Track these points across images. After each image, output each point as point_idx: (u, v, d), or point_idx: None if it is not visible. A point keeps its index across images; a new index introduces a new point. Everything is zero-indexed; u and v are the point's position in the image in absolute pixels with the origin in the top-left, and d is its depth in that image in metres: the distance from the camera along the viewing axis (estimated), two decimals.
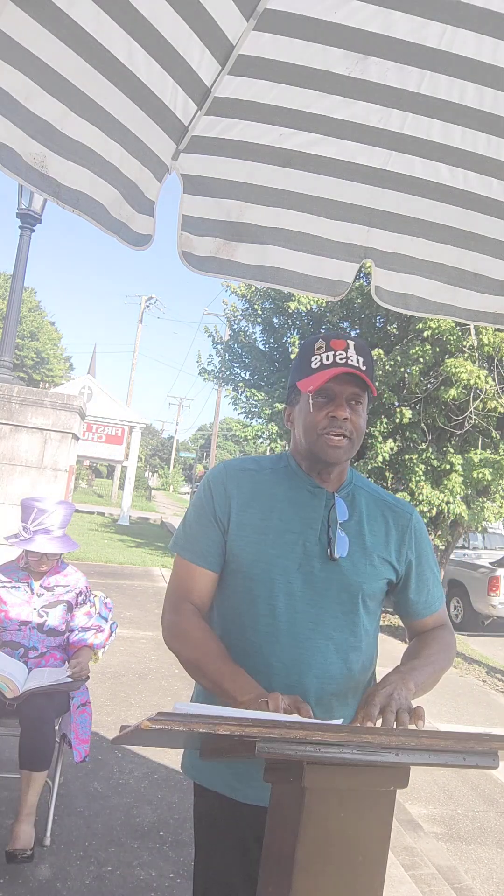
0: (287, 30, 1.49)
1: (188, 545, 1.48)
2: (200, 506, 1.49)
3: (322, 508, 1.44)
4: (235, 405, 12.33)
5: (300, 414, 1.45)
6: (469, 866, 3.25)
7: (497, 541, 12.45)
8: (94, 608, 3.07)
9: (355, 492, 1.50)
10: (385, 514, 1.50)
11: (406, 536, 1.50)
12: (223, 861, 1.44)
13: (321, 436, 1.39)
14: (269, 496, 1.45)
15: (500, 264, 2.01)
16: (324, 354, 1.40)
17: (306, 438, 1.42)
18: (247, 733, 0.82)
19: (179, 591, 1.48)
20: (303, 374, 1.43)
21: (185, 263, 1.87)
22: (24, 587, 2.95)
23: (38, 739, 2.60)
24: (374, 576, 1.44)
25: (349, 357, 1.38)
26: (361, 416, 1.42)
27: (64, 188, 1.54)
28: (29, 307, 37.91)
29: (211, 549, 1.46)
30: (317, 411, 1.39)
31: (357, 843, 0.95)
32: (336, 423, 1.38)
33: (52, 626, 2.93)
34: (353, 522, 1.45)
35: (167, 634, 1.45)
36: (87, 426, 16.93)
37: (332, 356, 1.39)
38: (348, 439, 1.39)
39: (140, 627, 6.93)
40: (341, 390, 1.39)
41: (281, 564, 1.39)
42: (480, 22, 1.45)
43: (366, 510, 1.49)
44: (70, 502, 3.05)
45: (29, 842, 2.59)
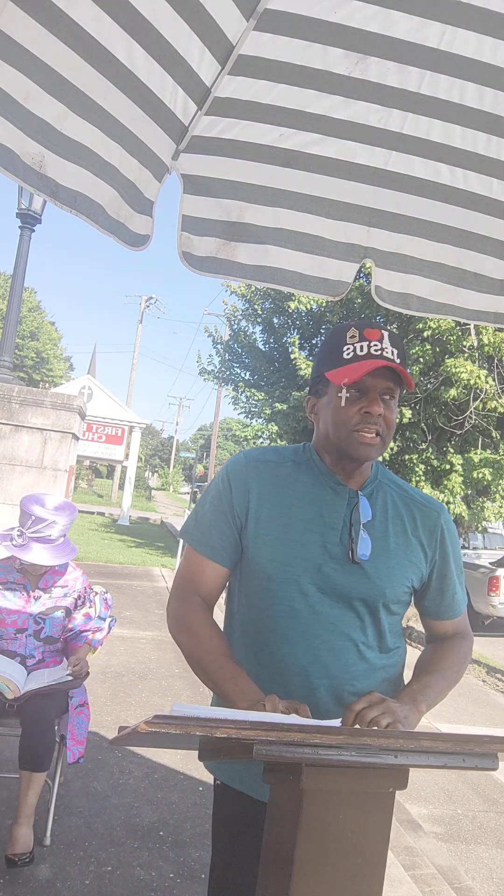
0: (287, 30, 1.49)
1: (200, 537, 1.43)
2: (217, 497, 1.42)
3: (344, 507, 1.36)
4: (235, 405, 12.34)
5: (328, 406, 1.36)
6: (469, 866, 3.25)
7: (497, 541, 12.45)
8: (95, 609, 3.00)
9: (380, 488, 1.43)
10: (412, 512, 1.43)
11: (433, 536, 1.43)
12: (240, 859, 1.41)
13: (353, 432, 1.31)
14: (289, 491, 1.38)
15: (500, 264, 2.01)
16: (357, 345, 1.31)
17: (335, 433, 1.34)
18: (244, 736, 0.82)
19: (188, 581, 1.44)
20: (334, 364, 1.33)
21: (185, 263, 1.87)
22: (20, 589, 2.85)
23: (38, 740, 2.58)
24: (398, 580, 1.37)
25: (384, 349, 1.30)
26: (393, 412, 1.35)
27: (62, 188, 1.53)
28: (29, 307, 37.91)
29: (224, 544, 1.40)
30: (349, 406, 1.31)
31: (356, 845, 0.95)
32: (369, 419, 1.30)
33: (49, 634, 2.85)
34: (376, 522, 1.38)
35: (172, 623, 1.42)
36: (87, 426, 16.93)
37: (367, 347, 1.30)
38: (380, 437, 1.33)
39: (140, 627, 6.93)
40: (375, 384, 1.30)
41: (300, 565, 1.33)
42: (480, 22, 1.45)
43: (391, 509, 1.41)
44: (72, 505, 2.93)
45: (28, 845, 2.58)
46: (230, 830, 1.44)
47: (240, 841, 1.41)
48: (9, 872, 2.51)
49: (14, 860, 2.52)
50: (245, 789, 1.39)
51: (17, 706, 2.64)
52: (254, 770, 1.36)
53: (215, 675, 1.31)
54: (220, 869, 1.46)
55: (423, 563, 1.42)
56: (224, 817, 1.46)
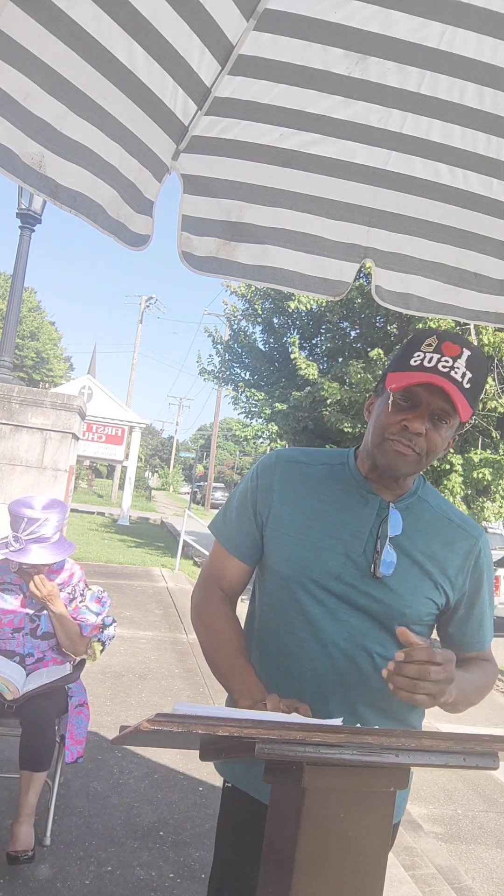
0: (287, 30, 1.49)
1: (226, 531, 1.43)
2: (244, 493, 1.41)
3: (373, 518, 1.30)
4: (235, 405, 12.34)
5: (378, 409, 1.30)
6: (469, 866, 3.25)
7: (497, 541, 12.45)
8: (84, 601, 2.97)
9: (417, 504, 1.35)
10: (447, 533, 1.34)
11: (467, 563, 1.34)
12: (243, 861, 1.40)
13: (387, 440, 1.24)
14: (316, 494, 1.33)
15: (500, 264, 2.01)
16: (429, 354, 1.21)
17: (373, 437, 1.28)
18: (246, 734, 0.82)
19: (212, 573, 1.46)
20: (399, 368, 1.25)
21: (185, 263, 1.87)
22: (15, 590, 2.87)
23: (38, 740, 2.59)
24: (420, 601, 1.30)
25: (455, 367, 1.19)
26: (442, 436, 1.24)
27: (62, 188, 1.53)
28: (29, 307, 37.92)
29: (245, 541, 1.40)
30: (394, 413, 1.23)
31: (357, 844, 0.95)
32: (406, 434, 1.22)
33: (45, 629, 2.86)
34: (406, 538, 1.29)
35: (193, 613, 1.44)
36: (87, 426, 16.93)
37: (437, 360, 1.20)
38: (417, 455, 1.23)
39: (140, 627, 6.93)
40: (430, 401, 1.21)
41: (317, 569, 1.28)
42: (480, 22, 1.45)
43: (425, 527, 1.33)
44: (62, 501, 2.94)
45: (29, 843, 2.58)
46: (236, 832, 1.43)
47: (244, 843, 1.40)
48: (9, 872, 2.52)
49: (16, 857, 2.53)
50: (254, 792, 1.38)
51: (17, 706, 2.64)
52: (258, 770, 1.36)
53: (225, 671, 1.31)
54: (221, 870, 1.45)
55: (451, 589, 1.33)
56: (231, 819, 1.46)
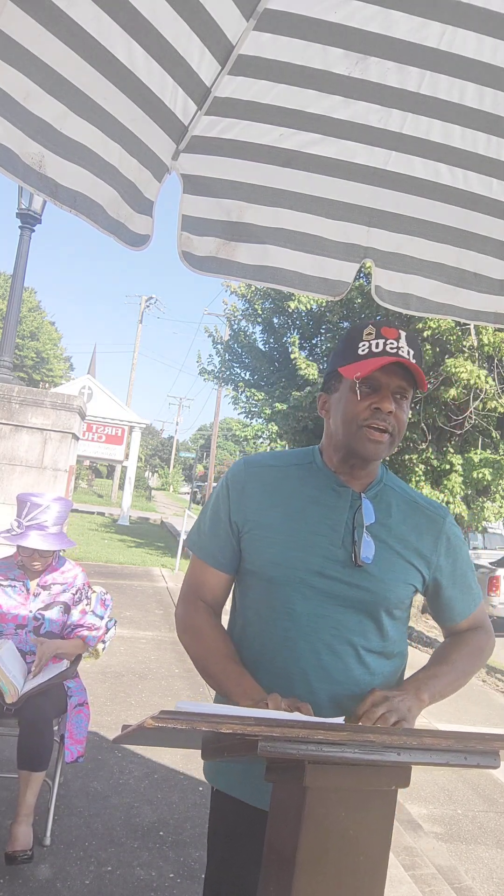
0: (287, 30, 1.49)
1: (201, 543, 1.45)
2: (216, 505, 1.44)
3: (347, 510, 1.36)
4: (235, 405, 12.34)
5: (339, 402, 1.36)
6: (469, 866, 3.25)
7: (497, 541, 12.46)
8: (90, 605, 3.03)
9: (384, 491, 1.42)
10: (416, 516, 1.42)
11: (438, 541, 1.42)
12: (237, 867, 1.40)
13: (361, 427, 1.31)
14: (290, 495, 1.38)
15: (500, 264, 2.01)
16: (373, 342, 1.31)
17: (344, 429, 1.34)
18: (249, 732, 0.82)
19: (193, 586, 1.46)
20: (348, 360, 1.33)
21: (185, 263, 1.87)
22: (19, 587, 2.90)
23: (36, 740, 2.59)
24: (400, 583, 1.36)
25: (400, 347, 1.30)
26: (405, 412, 1.34)
27: (62, 188, 1.53)
28: (29, 307, 37.91)
29: (222, 551, 1.42)
30: (360, 401, 1.31)
31: (358, 843, 0.95)
32: (379, 415, 1.30)
33: (48, 629, 2.89)
34: (380, 525, 1.37)
35: (179, 627, 1.44)
36: (87, 426, 16.93)
37: (383, 344, 1.30)
38: (389, 435, 1.32)
39: (140, 627, 6.93)
40: (388, 382, 1.30)
41: (301, 567, 1.32)
42: (480, 22, 1.45)
43: (395, 512, 1.40)
44: (67, 499, 3.00)
45: (28, 843, 2.58)
46: (227, 837, 1.44)
47: (236, 847, 1.41)
48: (9, 872, 2.52)
49: (14, 857, 2.52)
50: (242, 796, 1.39)
51: (16, 707, 2.64)
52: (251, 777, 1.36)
53: (219, 676, 1.32)
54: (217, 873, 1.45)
55: (427, 568, 1.41)
56: (220, 824, 1.46)
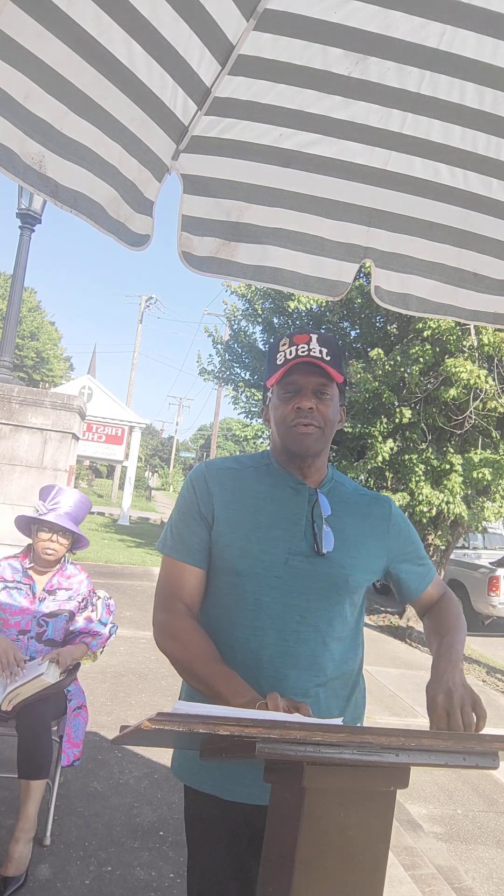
0: (287, 30, 1.49)
1: (175, 544, 1.49)
2: (185, 504, 1.50)
3: (305, 504, 1.45)
4: (235, 405, 12.33)
5: (272, 410, 1.48)
6: (469, 866, 3.25)
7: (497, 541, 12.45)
8: (96, 613, 3.00)
9: (336, 487, 1.53)
10: (364, 507, 1.54)
11: (388, 525, 1.54)
12: (216, 862, 1.43)
13: (290, 427, 1.41)
14: (252, 494, 1.47)
15: (500, 264, 2.01)
16: (287, 350, 1.43)
17: (279, 432, 1.45)
18: (247, 734, 0.82)
19: (169, 590, 1.47)
20: (270, 373, 1.46)
21: (185, 264, 1.87)
22: (25, 590, 2.87)
23: (35, 748, 2.53)
24: (360, 568, 1.46)
25: (311, 349, 1.41)
26: (330, 407, 1.43)
27: (62, 188, 1.53)
28: (29, 307, 37.91)
29: (199, 545, 1.47)
30: (283, 404, 1.43)
31: (357, 844, 0.95)
32: (302, 413, 1.40)
33: (51, 636, 2.86)
34: (336, 517, 1.47)
35: (158, 634, 1.44)
36: (87, 426, 16.93)
37: (295, 350, 1.41)
38: (318, 428, 1.41)
39: (140, 627, 6.93)
40: (306, 382, 1.41)
41: (267, 560, 1.40)
42: (480, 22, 1.45)
43: (348, 504, 1.51)
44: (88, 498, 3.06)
45: (22, 867, 2.45)
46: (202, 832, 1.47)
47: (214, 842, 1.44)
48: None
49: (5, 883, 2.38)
50: (213, 791, 1.42)
51: (15, 711, 2.59)
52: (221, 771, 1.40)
53: (206, 678, 1.31)
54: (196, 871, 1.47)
55: (383, 550, 1.52)
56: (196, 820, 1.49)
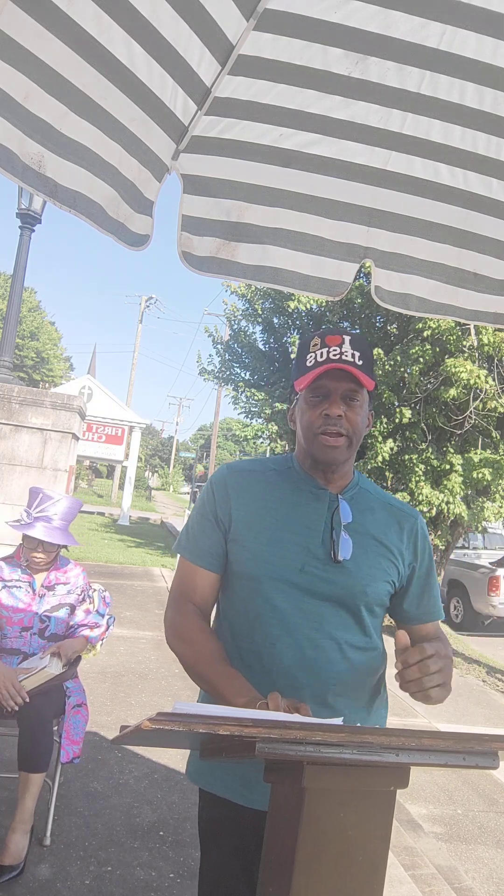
0: (287, 30, 1.49)
1: (189, 545, 1.48)
2: (203, 507, 1.48)
3: (325, 510, 1.41)
4: (235, 405, 12.32)
5: (298, 414, 1.43)
6: (469, 866, 3.25)
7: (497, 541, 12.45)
8: (93, 604, 3.05)
9: (360, 494, 1.48)
10: (390, 517, 1.47)
11: (411, 541, 1.47)
12: (228, 866, 1.42)
13: (317, 435, 1.37)
14: (271, 498, 1.43)
15: (500, 264, 2.01)
16: (318, 351, 1.37)
17: (304, 438, 1.41)
18: (247, 733, 0.82)
19: (181, 590, 1.48)
20: (299, 373, 1.40)
21: (185, 264, 1.87)
22: (25, 587, 2.90)
23: (35, 741, 2.57)
24: (378, 578, 1.41)
25: (343, 353, 1.35)
26: (359, 413, 1.38)
27: (61, 188, 1.53)
28: (29, 307, 37.90)
29: (212, 549, 1.45)
30: (311, 409, 1.38)
31: (357, 844, 0.95)
32: (330, 420, 1.35)
33: (54, 631, 2.91)
34: (357, 525, 1.42)
35: (168, 633, 1.45)
36: (87, 426, 16.93)
37: (326, 352, 1.35)
38: (346, 438, 1.37)
39: (140, 627, 6.93)
40: (336, 387, 1.35)
41: (283, 565, 1.37)
42: (480, 22, 1.45)
43: (370, 513, 1.46)
44: (78, 499, 3.03)
45: (20, 855, 2.52)
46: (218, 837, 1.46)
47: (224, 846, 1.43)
48: (4, 882, 2.49)
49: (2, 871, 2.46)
50: (227, 795, 1.41)
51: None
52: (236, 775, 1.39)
53: (210, 678, 1.32)
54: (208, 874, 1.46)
55: (402, 566, 1.45)
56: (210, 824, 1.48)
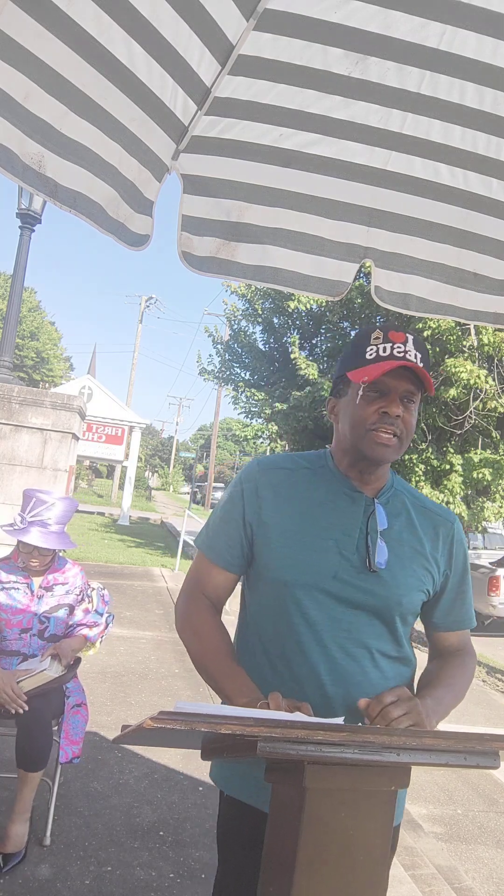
0: (287, 30, 1.49)
1: (209, 541, 1.45)
2: (230, 504, 1.43)
3: (361, 515, 1.36)
4: (235, 405, 12.33)
5: (347, 406, 1.37)
6: (469, 866, 3.25)
7: (497, 541, 12.46)
8: (92, 604, 3.04)
9: (396, 497, 1.43)
10: (426, 521, 1.43)
11: (447, 547, 1.43)
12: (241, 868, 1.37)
13: (370, 431, 1.31)
14: (304, 498, 1.38)
15: (500, 264, 2.01)
16: (381, 346, 1.31)
17: (353, 433, 1.34)
18: (249, 732, 0.82)
19: (197, 582, 1.46)
20: (356, 365, 1.34)
21: (185, 264, 1.87)
22: (23, 588, 2.89)
23: (33, 740, 2.58)
24: (413, 588, 1.37)
25: (407, 351, 1.30)
26: (413, 416, 1.34)
27: (61, 188, 1.53)
28: (29, 307, 37.90)
29: (231, 549, 1.41)
30: (368, 405, 1.31)
31: (358, 843, 0.95)
32: (387, 419, 1.30)
33: (53, 632, 2.90)
34: (393, 531, 1.37)
35: (178, 622, 1.44)
36: (87, 426, 16.92)
37: (390, 348, 1.31)
38: (397, 438, 1.32)
39: (140, 627, 6.93)
40: (396, 385, 1.31)
41: (315, 571, 1.32)
42: (480, 22, 1.45)
43: (406, 518, 1.41)
44: (73, 499, 3.00)
45: (20, 843, 2.59)
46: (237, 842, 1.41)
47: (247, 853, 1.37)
48: (8, 872, 2.52)
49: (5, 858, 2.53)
50: (251, 801, 1.37)
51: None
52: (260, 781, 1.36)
53: (215, 673, 1.32)
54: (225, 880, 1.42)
55: (437, 573, 1.41)
56: (230, 829, 1.44)
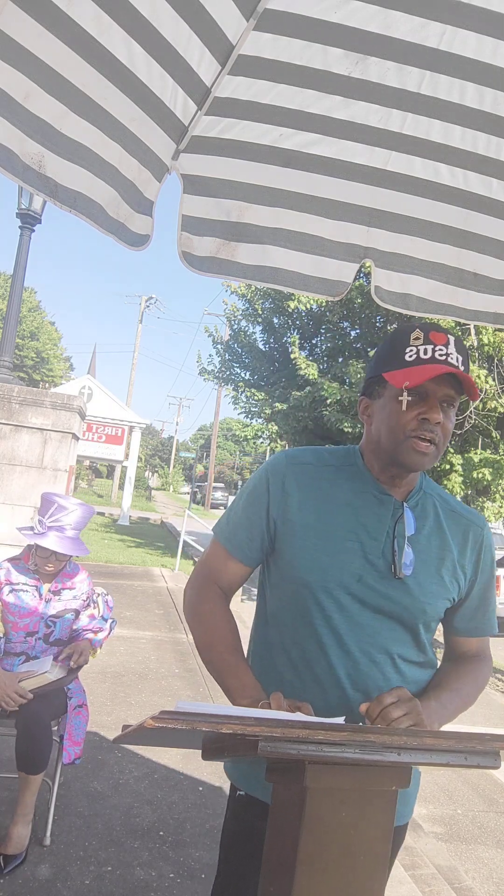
0: (287, 30, 1.49)
1: (228, 533, 1.41)
2: (254, 496, 1.39)
3: (389, 519, 1.32)
4: (235, 405, 12.33)
5: (384, 409, 1.31)
6: (469, 866, 3.25)
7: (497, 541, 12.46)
8: (98, 610, 3.05)
9: (425, 500, 1.39)
10: (456, 526, 1.39)
11: (477, 553, 1.39)
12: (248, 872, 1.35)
13: (409, 438, 1.26)
14: (330, 498, 1.34)
15: (500, 264, 2.01)
16: (421, 347, 1.25)
17: (389, 438, 1.29)
18: (250, 732, 0.82)
19: (210, 570, 1.43)
20: (394, 366, 1.28)
21: (185, 264, 1.87)
22: (32, 591, 2.89)
23: (33, 742, 2.58)
24: (439, 596, 1.33)
25: (449, 354, 1.24)
26: (451, 421, 1.29)
27: (61, 188, 1.53)
28: (29, 307, 37.89)
29: (251, 543, 1.38)
30: (407, 410, 1.25)
31: (358, 843, 0.95)
32: (427, 426, 1.25)
33: (58, 637, 2.91)
34: (421, 536, 1.33)
35: (187, 609, 1.41)
36: (87, 426, 16.92)
37: (432, 350, 1.25)
38: (435, 446, 1.27)
39: (140, 627, 6.93)
40: (436, 390, 1.25)
41: (338, 574, 1.29)
42: (480, 22, 1.45)
43: (435, 522, 1.37)
44: (90, 506, 3.00)
45: (22, 845, 2.60)
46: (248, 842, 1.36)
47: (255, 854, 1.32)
48: (9, 872, 2.52)
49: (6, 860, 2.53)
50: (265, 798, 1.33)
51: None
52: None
53: (219, 666, 1.31)
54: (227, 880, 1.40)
55: (464, 581, 1.38)
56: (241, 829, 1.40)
